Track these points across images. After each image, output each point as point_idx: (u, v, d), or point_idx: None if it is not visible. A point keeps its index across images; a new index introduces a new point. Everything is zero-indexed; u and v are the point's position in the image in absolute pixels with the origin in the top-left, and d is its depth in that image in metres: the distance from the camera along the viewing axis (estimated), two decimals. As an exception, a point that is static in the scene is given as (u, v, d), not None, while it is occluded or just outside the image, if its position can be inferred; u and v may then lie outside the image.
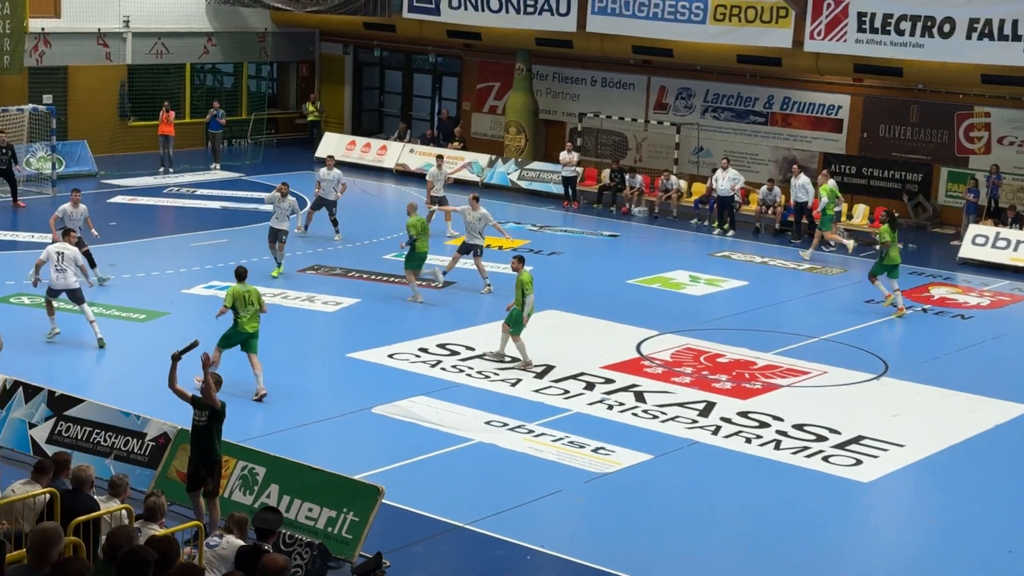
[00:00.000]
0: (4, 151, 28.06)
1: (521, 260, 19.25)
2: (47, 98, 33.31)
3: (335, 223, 26.45)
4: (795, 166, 30.04)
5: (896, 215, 23.69)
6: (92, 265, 21.25)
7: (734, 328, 21.65)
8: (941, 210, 31.01)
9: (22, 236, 25.56)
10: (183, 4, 36.63)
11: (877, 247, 23.78)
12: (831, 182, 27.40)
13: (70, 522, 9.89)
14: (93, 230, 22.14)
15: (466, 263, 23.57)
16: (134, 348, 19.34)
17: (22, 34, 31.25)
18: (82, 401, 14.80)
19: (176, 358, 13.12)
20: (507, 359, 18.89)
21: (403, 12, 34.79)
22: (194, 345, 13.43)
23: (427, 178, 28.41)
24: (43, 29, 33.44)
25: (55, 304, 19.31)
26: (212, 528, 11.98)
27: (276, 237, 23.34)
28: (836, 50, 29.06)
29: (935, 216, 31.01)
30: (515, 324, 18.66)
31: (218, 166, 34.15)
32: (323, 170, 27.06)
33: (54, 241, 19.98)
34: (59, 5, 34.11)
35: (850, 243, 26.93)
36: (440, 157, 29.77)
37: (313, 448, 15.10)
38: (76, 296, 19.13)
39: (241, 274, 17.47)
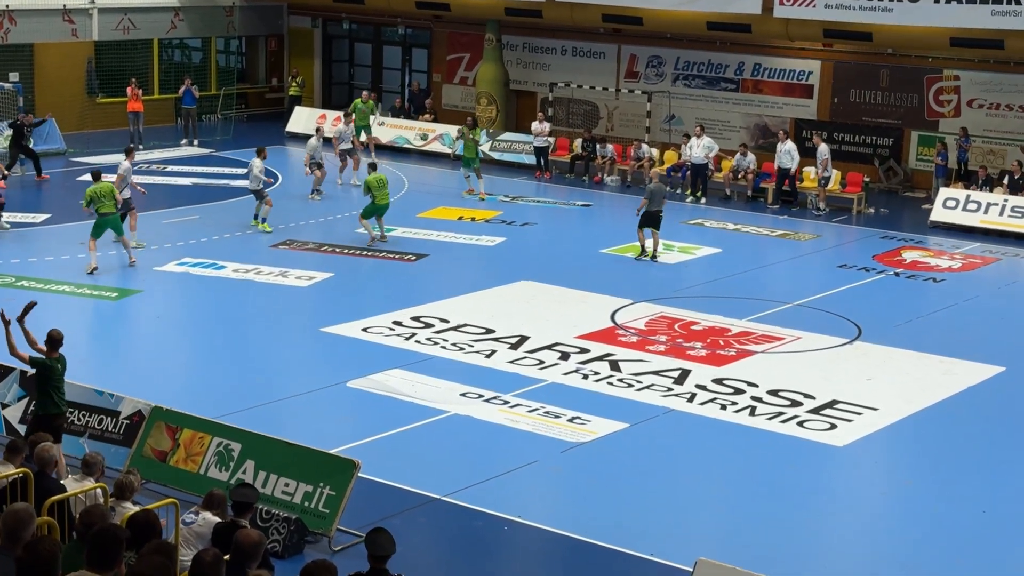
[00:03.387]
0: (29, 129, 29.25)
1: (96, 175, 22.31)
2: (13, 76, 33.02)
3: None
4: (781, 132, 29.99)
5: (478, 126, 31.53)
6: None
7: (708, 295, 21.68)
8: (912, 174, 31.11)
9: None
10: (149, -21, 36.38)
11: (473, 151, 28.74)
12: (369, 103, 33.51)
13: (41, 503, 9.84)
14: None
15: (440, 236, 23.45)
16: (107, 327, 19.26)
17: (-14, 12, 31.01)
18: (55, 381, 14.67)
19: (7, 323, 13.13)
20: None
21: (371, -16, 34.62)
22: (31, 306, 13.47)
23: (332, 137, 30.53)
24: (7, 6, 33.12)
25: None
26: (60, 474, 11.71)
27: (347, 155, 29.41)
28: (805, 15, 29.05)
29: (906, 180, 31.10)
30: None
31: (196, 142, 33.89)
32: (312, 140, 28.30)
33: None
34: (23, -18, 33.83)
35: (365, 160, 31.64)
36: (348, 114, 31.50)
37: (289, 423, 15.09)
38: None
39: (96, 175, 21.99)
